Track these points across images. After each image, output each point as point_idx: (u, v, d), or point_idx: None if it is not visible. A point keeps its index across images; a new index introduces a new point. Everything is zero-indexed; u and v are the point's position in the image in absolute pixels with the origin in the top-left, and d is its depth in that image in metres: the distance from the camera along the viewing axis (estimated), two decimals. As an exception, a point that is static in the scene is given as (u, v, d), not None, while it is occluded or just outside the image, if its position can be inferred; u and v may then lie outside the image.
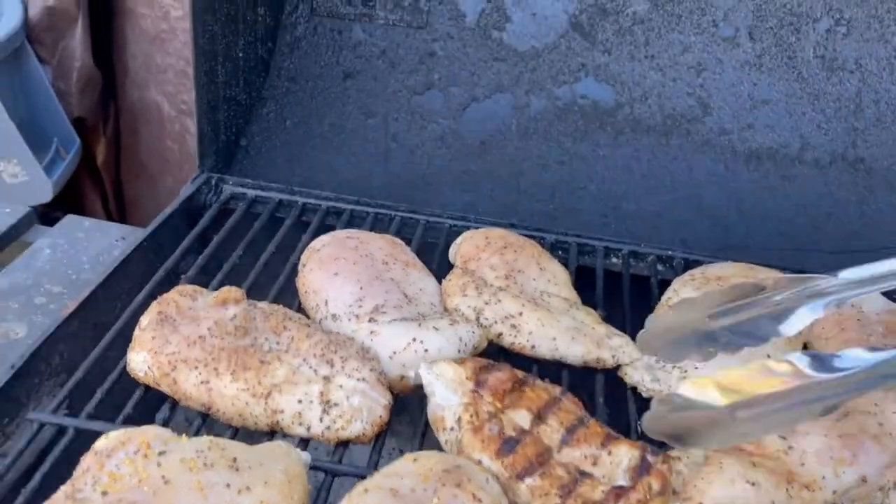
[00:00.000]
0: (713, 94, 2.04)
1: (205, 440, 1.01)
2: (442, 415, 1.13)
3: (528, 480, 1.02)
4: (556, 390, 1.18)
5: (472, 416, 1.08)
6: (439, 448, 1.11)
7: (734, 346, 1.09)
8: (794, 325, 1.06)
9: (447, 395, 1.13)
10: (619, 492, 1.01)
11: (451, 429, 1.10)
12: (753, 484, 1.05)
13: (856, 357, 0.89)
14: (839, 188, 1.98)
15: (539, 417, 1.10)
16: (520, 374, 1.18)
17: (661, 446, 1.09)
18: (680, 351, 1.16)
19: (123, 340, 1.26)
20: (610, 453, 1.07)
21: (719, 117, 2.03)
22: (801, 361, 0.95)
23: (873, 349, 0.88)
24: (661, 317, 1.27)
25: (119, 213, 3.47)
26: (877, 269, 1.05)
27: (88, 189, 3.39)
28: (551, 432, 1.09)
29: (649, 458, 1.05)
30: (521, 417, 1.11)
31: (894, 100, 2.00)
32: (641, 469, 1.04)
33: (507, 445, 1.05)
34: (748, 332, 1.09)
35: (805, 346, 1.42)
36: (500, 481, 1.02)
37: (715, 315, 1.13)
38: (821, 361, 0.93)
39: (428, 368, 1.17)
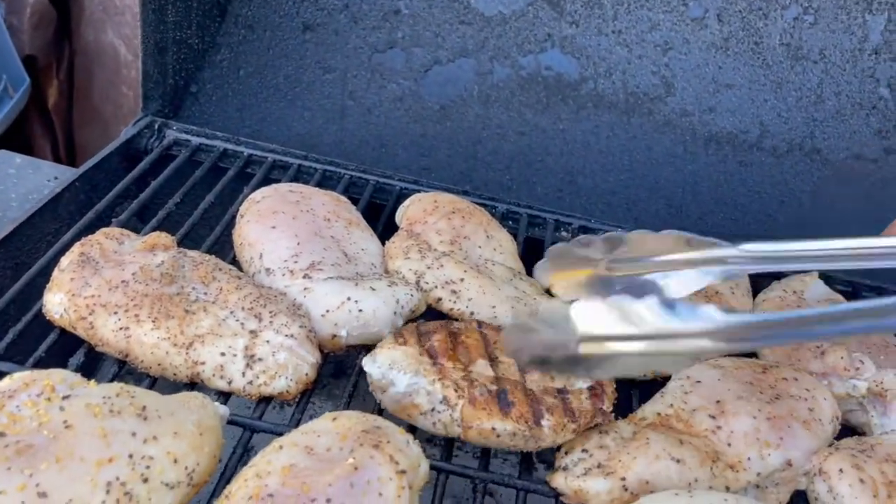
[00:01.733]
0: (678, 74, 2.01)
1: (114, 386, 0.96)
2: (413, 401, 1.08)
3: (544, 422, 1.05)
4: (474, 325, 1.20)
5: (456, 389, 1.06)
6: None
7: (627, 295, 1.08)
8: (684, 287, 1.06)
9: (411, 380, 1.08)
10: (593, 389, 1.11)
11: (435, 410, 1.06)
12: (678, 461, 1.04)
13: (708, 315, 0.86)
14: (794, 177, 1.97)
15: (491, 359, 1.11)
16: (441, 324, 1.18)
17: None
18: (575, 289, 1.16)
19: (44, 282, 1.20)
20: None
21: (682, 98, 2.01)
22: (655, 307, 0.91)
23: (728, 310, 0.85)
24: (562, 250, 1.25)
25: (69, 159, 3.36)
26: (778, 247, 1.05)
27: (38, 134, 3.27)
28: (508, 367, 1.11)
29: None
30: (482, 367, 1.11)
31: (855, 93, 2.00)
32: None
33: (503, 401, 1.05)
34: (641, 285, 1.08)
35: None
36: (520, 434, 1.04)
37: (614, 262, 1.13)
38: (673, 310, 0.89)
39: (372, 362, 1.11)
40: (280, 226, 1.32)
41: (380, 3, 2.03)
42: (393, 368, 1.08)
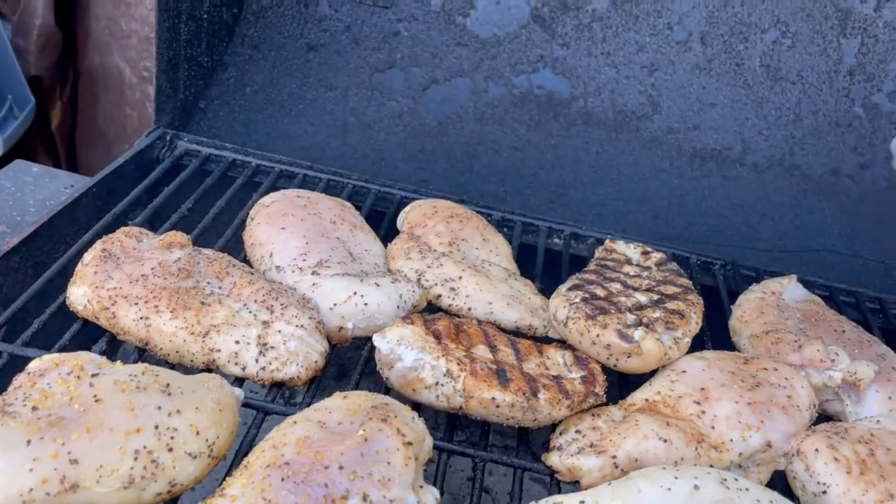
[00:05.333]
0: (663, 93, 2.12)
1: (139, 366, 1.03)
2: (418, 375, 1.15)
3: (541, 395, 1.14)
4: (474, 321, 1.30)
5: (459, 363, 1.14)
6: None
7: None
8: None
9: (417, 356, 1.16)
10: (585, 376, 1.21)
11: (439, 383, 1.14)
12: (665, 441, 1.11)
13: None
14: (775, 191, 2.07)
15: (491, 347, 1.20)
16: (447, 316, 1.27)
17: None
18: None
19: (65, 280, 1.27)
20: (548, 358, 1.24)
21: (668, 116, 2.11)
22: None
23: None
24: None
25: (71, 179, 3.42)
26: None
27: (42, 153, 3.34)
28: (506, 355, 1.20)
29: (571, 351, 1.27)
30: (482, 351, 1.20)
31: (831, 112, 2.11)
32: (577, 359, 1.24)
33: (502, 377, 1.14)
34: None
35: (728, 332, 1.50)
36: (518, 405, 1.12)
37: None
38: None
39: (382, 338, 1.18)
40: (289, 227, 1.40)
41: (380, 25, 2.14)
42: (401, 344, 1.15)
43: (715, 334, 1.46)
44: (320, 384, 1.21)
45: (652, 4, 2.11)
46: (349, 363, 1.54)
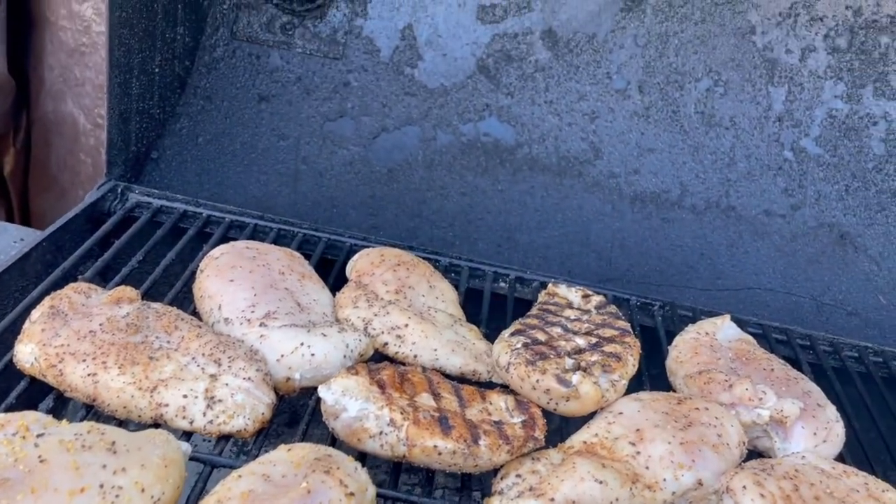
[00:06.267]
0: (604, 139, 2.21)
1: (85, 425, 1.05)
2: (363, 425, 1.19)
3: (482, 442, 1.17)
4: (419, 369, 1.33)
5: (402, 412, 1.18)
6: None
7: None
8: None
9: (361, 406, 1.19)
10: (525, 421, 1.25)
11: (383, 433, 1.18)
12: (601, 482, 1.16)
13: None
14: (712, 232, 2.16)
15: (434, 395, 1.24)
16: (390, 363, 1.31)
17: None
18: None
19: (12, 337, 1.28)
20: (491, 403, 1.28)
21: (609, 161, 2.20)
22: None
23: None
24: None
25: (25, 226, 3.39)
26: None
27: (-8, 201, 3.31)
28: (449, 402, 1.24)
29: (512, 396, 1.32)
30: (426, 399, 1.24)
31: (763, 156, 2.22)
32: (519, 403, 1.29)
33: (444, 424, 1.18)
34: None
35: (665, 371, 1.56)
36: (460, 452, 1.16)
37: None
38: None
39: (327, 389, 1.22)
40: (238, 279, 1.43)
41: (331, 76, 2.20)
42: (345, 395, 1.19)
43: (654, 373, 1.52)
44: (271, 431, 1.24)
45: (591, 55, 2.21)
46: (301, 409, 1.57)
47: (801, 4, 2.18)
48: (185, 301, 1.49)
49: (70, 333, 1.23)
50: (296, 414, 1.81)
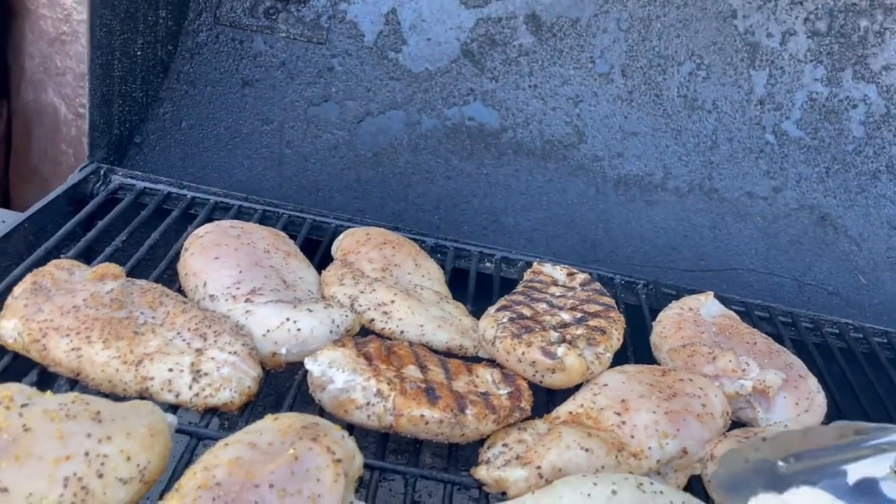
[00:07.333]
0: (588, 123, 2.22)
1: (69, 395, 1.04)
2: (350, 396, 1.19)
3: (468, 411, 1.18)
4: (406, 343, 1.33)
5: (389, 383, 1.18)
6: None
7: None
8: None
9: (348, 377, 1.19)
10: (511, 392, 1.26)
11: (370, 403, 1.18)
12: (587, 450, 1.17)
13: None
14: (695, 214, 2.18)
15: (421, 367, 1.24)
16: (379, 339, 1.31)
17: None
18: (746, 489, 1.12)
19: (-5, 314, 1.27)
20: (477, 376, 1.29)
21: (593, 145, 2.21)
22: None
23: None
24: (734, 456, 1.20)
25: (4, 216, 3.36)
26: None
27: (-28, 191, 3.27)
28: (436, 374, 1.24)
29: (499, 369, 1.33)
30: (412, 371, 1.24)
31: (745, 139, 2.24)
32: (505, 376, 1.30)
33: (431, 394, 1.19)
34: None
35: (649, 347, 1.57)
36: (447, 421, 1.17)
37: (788, 459, 1.09)
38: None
39: (314, 361, 1.22)
40: (223, 256, 1.43)
41: (315, 60, 2.19)
42: (332, 367, 1.19)
43: (638, 349, 1.53)
44: (254, 411, 1.24)
45: (575, 39, 2.22)
46: (286, 391, 1.56)
47: (781, -12, 2.20)
48: (169, 282, 1.48)
49: (53, 309, 1.22)
50: (280, 397, 1.80)
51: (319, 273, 1.53)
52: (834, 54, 2.23)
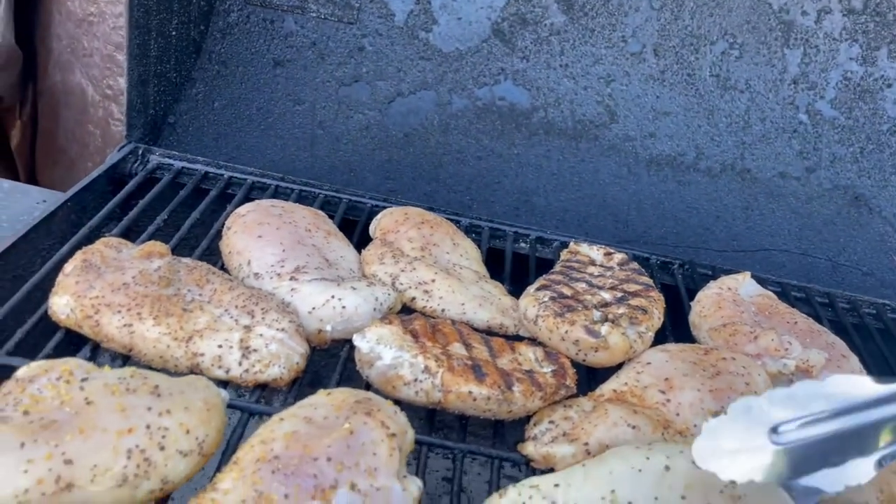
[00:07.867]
0: (620, 103, 2.21)
1: (128, 370, 1.06)
2: (398, 372, 1.20)
3: (516, 388, 1.19)
4: (449, 321, 1.34)
5: (436, 360, 1.20)
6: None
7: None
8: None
9: (396, 354, 1.21)
10: (556, 370, 1.27)
11: (417, 380, 1.19)
12: (634, 427, 1.17)
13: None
14: (727, 195, 2.17)
15: (466, 345, 1.25)
16: (423, 317, 1.32)
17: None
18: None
19: (42, 293, 1.29)
20: (520, 354, 1.30)
21: (625, 125, 2.20)
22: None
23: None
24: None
25: (32, 198, 3.38)
26: None
27: (1, 172, 3.30)
28: (481, 352, 1.25)
29: (541, 347, 1.34)
30: (458, 349, 1.25)
31: (778, 118, 2.22)
32: (548, 354, 1.30)
33: (478, 371, 1.20)
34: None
35: (689, 327, 1.57)
36: (494, 398, 1.18)
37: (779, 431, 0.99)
38: None
39: (362, 337, 1.23)
40: (266, 235, 1.44)
41: (345, 40, 2.19)
42: (380, 343, 1.20)
43: (676, 329, 1.53)
44: (298, 390, 1.25)
45: (607, 18, 2.21)
46: (323, 371, 1.57)
47: (816, -34, 2.18)
48: (210, 259, 1.49)
49: (104, 285, 1.24)
50: (318, 375, 1.82)
51: (358, 252, 1.54)
52: (869, 33, 2.20)
